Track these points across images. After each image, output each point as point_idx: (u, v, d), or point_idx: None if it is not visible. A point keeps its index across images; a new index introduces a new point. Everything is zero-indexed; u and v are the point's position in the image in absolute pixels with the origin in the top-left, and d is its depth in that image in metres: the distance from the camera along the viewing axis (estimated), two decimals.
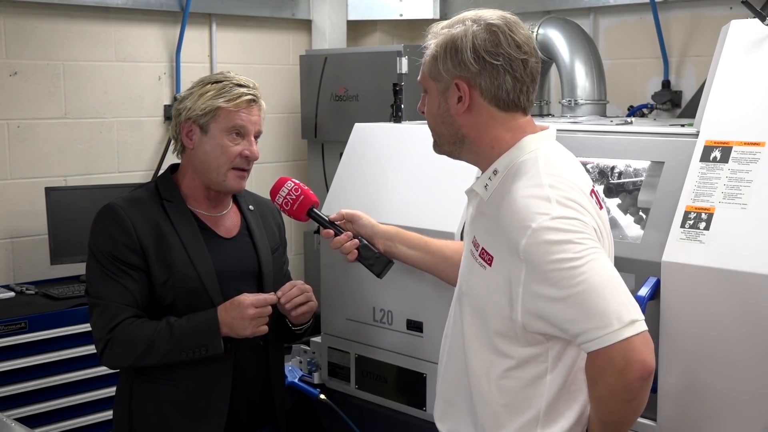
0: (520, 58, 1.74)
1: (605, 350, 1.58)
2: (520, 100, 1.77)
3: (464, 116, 1.78)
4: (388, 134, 2.86)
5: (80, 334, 3.42)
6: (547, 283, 1.62)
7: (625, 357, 1.57)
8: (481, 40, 1.73)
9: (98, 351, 2.25)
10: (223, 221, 2.36)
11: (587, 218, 1.66)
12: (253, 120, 2.29)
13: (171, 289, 2.23)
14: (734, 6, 3.61)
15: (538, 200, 1.65)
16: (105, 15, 4.07)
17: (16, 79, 3.82)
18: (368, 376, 2.74)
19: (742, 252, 1.96)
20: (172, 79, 4.32)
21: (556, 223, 1.62)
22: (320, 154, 4.48)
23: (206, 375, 2.25)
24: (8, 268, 3.84)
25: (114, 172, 4.14)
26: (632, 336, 1.57)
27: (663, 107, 3.89)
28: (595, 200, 1.77)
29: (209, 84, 2.29)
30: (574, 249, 1.60)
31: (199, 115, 2.26)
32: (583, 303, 1.59)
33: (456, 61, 1.75)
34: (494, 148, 1.78)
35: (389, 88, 3.15)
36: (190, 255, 2.25)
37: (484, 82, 1.74)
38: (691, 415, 2.05)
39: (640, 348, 1.58)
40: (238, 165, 2.28)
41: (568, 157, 1.82)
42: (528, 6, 4.21)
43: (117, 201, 2.28)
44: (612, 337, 1.57)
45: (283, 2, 4.71)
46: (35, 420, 3.32)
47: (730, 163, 2.08)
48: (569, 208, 1.64)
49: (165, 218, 2.26)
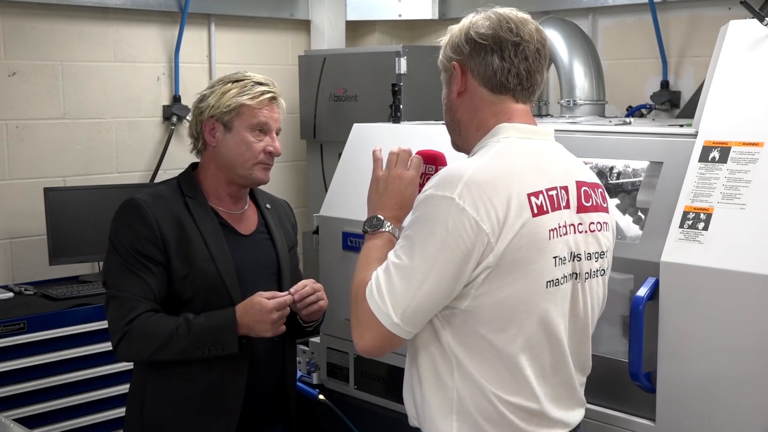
0: (511, 40, 1.76)
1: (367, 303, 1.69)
2: (508, 82, 1.78)
3: (460, 100, 1.82)
4: (387, 134, 2.87)
5: (79, 334, 3.43)
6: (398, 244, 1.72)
7: (362, 318, 1.71)
8: (476, 26, 1.78)
9: (114, 343, 2.25)
10: (242, 219, 2.39)
11: (481, 215, 1.62)
12: (274, 117, 2.34)
13: (191, 285, 2.25)
14: (733, 6, 3.61)
15: (454, 174, 1.67)
16: (104, 15, 4.07)
17: (15, 79, 3.82)
18: (367, 377, 2.74)
19: (741, 252, 1.96)
20: (170, 80, 4.32)
21: (438, 201, 1.65)
22: (319, 154, 4.48)
23: (222, 371, 2.26)
24: (7, 268, 3.84)
25: (113, 172, 4.14)
26: (375, 316, 1.67)
27: (662, 107, 3.89)
28: (544, 201, 1.70)
29: (230, 83, 2.33)
30: (425, 229, 1.65)
31: (222, 113, 2.30)
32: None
33: (453, 46, 1.82)
34: (479, 131, 1.81)
35: (388, 89, 3.16)
36: (211, 251, 2.27)
37: (474, 63, 1.78)
38: (690, 415, 2.05)
39: (372, 332, 1.69)
40: (262, 160, 2.32)
41: (533, 153, 1.77)
42: (527, 6, 4.18)
43: (140, 196, 2.30)
44: (372, 302, 1.68)
45: (281, 3, 4.71)
46: (34, 420, 3.32)
47: (728, 163, 2.08)
48: (469, 194, 1.63)
49: (187, 214, 2.29)
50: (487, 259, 1.63)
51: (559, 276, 1.72)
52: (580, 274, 1.77)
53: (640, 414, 2.17)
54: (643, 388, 2.12)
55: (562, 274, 1.73)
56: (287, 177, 4.74)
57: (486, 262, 1.64)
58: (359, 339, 1.72)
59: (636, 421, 2.18)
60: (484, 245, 1.63)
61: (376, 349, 1.72)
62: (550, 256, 1.70)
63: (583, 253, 1.77)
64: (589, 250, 1.79)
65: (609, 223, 1.86)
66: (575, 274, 1.76)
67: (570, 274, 1.75)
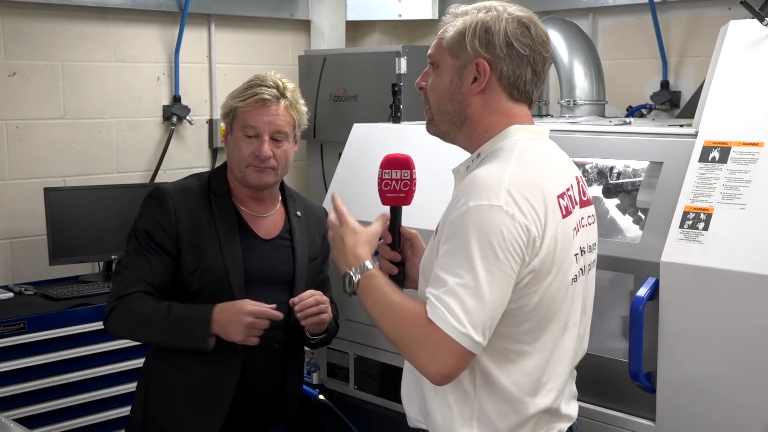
0: (543, 55, 1.78)
1: (435, 326, 1.60)
2: (532, 93, 1.80)
3: (475, 97, 1.78)
4: (387, 134, 2.87)
5: (79, 334, 3.43)
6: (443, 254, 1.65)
7: (436, 347, 1.60)
8: (513, 29, 1.76)
9: (105, 315, 2.32)
10: (264, 222, 2.40)
11: (528, 219, 1.63)
12: (265, 120, 2.31)
13: (199, 278, 2.28)
14: (733, 6, 3.61)
15: (493, 182, 1.64)
16: (104, 15, 4.07)
17: (15, 79, 3.82)
18: (367, 377, 2.74)
19: (741, 252, 1.96)
20: (170, 80, 4.31)
21: (487, 211, 1.62)
22: (319, 154, 4.48)
23: (216, 368, 2.28)
24: (7, 268, 3.84)
25: (113, 172, 4.14)
26: (456, 340, 1.59)
27: (662, 107, 3.89)
28: (568, 203, 1.74)
29: (242, 84, 2.37)
30: (481, 242, 1.60)
31: (225, 115, 2.37)
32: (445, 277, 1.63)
33: (485, 41, 1.76)
34: (488, 131, 1.79)
35: (388, 89, 3.16)
36: (223, 249, 2.29)
37: (507, 68, 1.76)
38: (690, 416, 2.05)
39: (452, 357, 1.60)
40: (252, 163, 2.32)
41: (547, 155, 1.80)
42: (527, 6, 4.19)
43: (167, 185, 2.37)
44: (447, 326, 1.59)
45: (281, 3, 4.71)
46: (34, 420, 3.32)
47: (728, 163, 2.08)
48: (514, 201, 1.63)
49: (208, 209, 2.32)
50: (533, 263, 1.65)
51: (577, 272, 1.77)
52: (584, 268, 1.82)
53: (640, 414, 2.17)
54: (643, 388, 2.12)
55: (579, 270, 1.78)
56: (287, 177, 4.72)
57: (532, 266, 1.65)
58: (435, 366, 1.62)
59: (636, 421, 2.17)
60: (533, 249, 1.64)
61: (458, 371, 1.65)
62: (573, 254, 1.74)
63: (586, 246, 1.82)
64: (589, 242, 1.84)
65: (595, 214, 1.91)
66: (582, 269, 1.81)
67: (581, 269, 1.80)
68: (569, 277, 1.74)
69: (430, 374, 1.65)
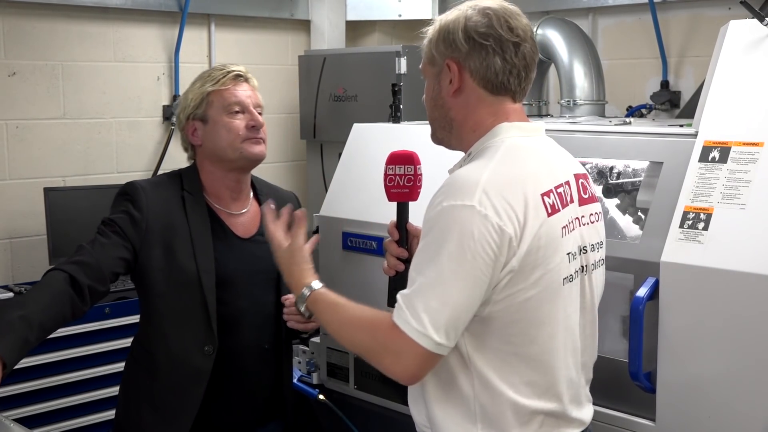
0: (511, 41, 1.74)
1: (398, 329, 1.62)
2: (509, 83, 1.76)
3: (454, 98, 1.78)
4: (387, 134, 2.87)
5: (79, 334, 3.42)
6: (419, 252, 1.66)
7: (398, 350, 1.63)
8: (473, 22, 1.75)
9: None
10: (241, 220, 2.37)
11: (503, 220, 1.61)
12: (246, 94, 2.33)
13: (166, 278, 2.24)
14: (733, 6, 3.61)
15: (470, 181, 1.63)
16: (104, 15, 4.07)
17: (15, 79, 3.82)
18: (367, 377, 2.74)
19: (741, 252, 1.96)
20: (170, 80, 4.31)
21: (459, 211, 1.61)
22: (319, 154, 4.48)
23: (181, 378, 2.24)
24: (7, 268, 3.84)
25: (113, 172, 4.13)
26: (417, 342, 1.60)
27: (662, 107, 3.89)
28: (555, 200, 1.71)
29: (194, 81, 2.37)
30: (450, 242, 1.60)
31: (194, 109, 2.32)
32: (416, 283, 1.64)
33: (448, 42, 1.77)
34: (475, 131, 1.78)
35: (388, 89, 3.15)
36: (195, 249, 2.25)
37: (473, 63, 1.75)
38: (690, 416, 2.05)
39: (415, 359, 1.62)
40: (247, 136, 2.31)
41: (537, 153, 1.77)
42: (526, 6, 4.16)
43: (140, 181, 2.34)
44: (408, 328, 1.61)
45: (281, 3, 4.71)
46: (34, 420, 3.32)
47: (728, 163, 2.08)
48: (489, 200, 1.61)
49: (180, 208, 2.29)
50: (510, 263, 1.63)
51: (572, 272, 1.74)
52: (587, 267, 1.80)
53: (640, 414, 2.17)
54: (643, 388, 2.12)
55: (574, 269, 1.75)
56: (287, 177, 4.73)
57: (510, 266, 1.63)
58: (399, 368, 1.66)
59: (636, 421, 2.18)
60: (509, 249, 1.62)
61: (423, 372, 1.67)
62: (564, 253, 1.71)
63: (588, 245, 1.80)
64: (592, 241, 1.82)
65: (601, 212, 1.90)
66: (583, 267, 1.79)
67: (579, 268, 1.77)
68: (560, 277, 1.70)
69: (396, 377, 1.68)
